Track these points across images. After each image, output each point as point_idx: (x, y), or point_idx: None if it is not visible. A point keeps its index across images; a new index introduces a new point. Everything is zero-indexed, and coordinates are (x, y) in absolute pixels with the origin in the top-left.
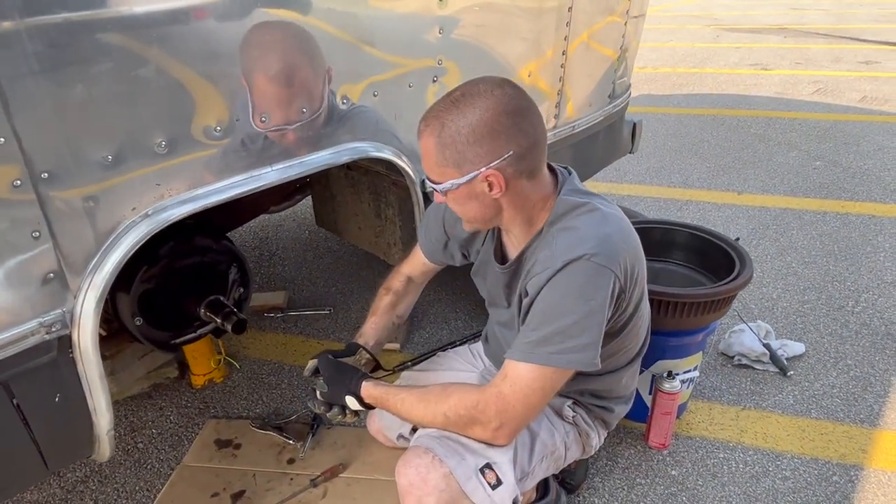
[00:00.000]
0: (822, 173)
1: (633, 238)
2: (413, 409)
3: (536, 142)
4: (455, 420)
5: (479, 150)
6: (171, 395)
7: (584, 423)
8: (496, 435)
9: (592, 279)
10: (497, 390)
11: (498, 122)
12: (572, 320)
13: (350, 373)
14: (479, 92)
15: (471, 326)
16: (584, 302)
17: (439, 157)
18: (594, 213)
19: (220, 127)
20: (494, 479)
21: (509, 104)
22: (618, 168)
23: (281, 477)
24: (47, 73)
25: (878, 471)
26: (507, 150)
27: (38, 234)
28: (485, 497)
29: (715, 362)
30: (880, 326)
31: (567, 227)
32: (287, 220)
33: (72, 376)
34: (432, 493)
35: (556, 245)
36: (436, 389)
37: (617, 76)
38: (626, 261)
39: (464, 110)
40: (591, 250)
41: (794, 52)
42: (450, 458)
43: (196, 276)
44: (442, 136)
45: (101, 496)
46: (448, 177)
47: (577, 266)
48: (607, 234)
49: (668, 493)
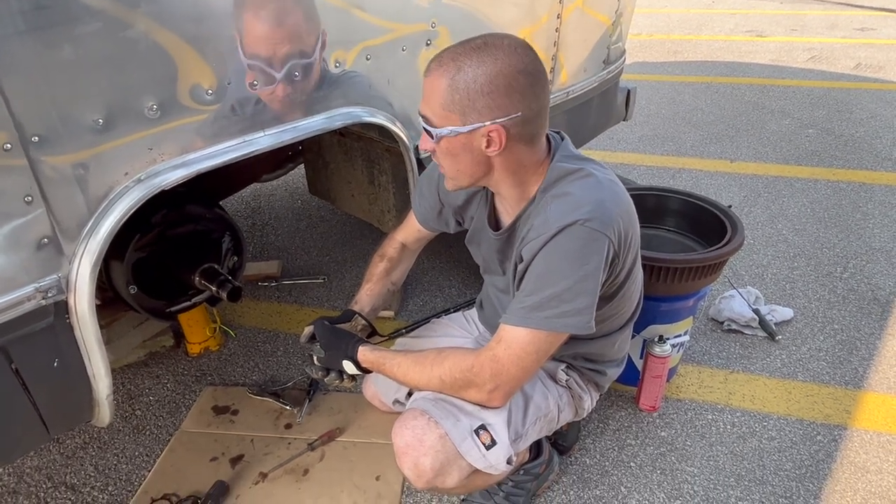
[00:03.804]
0: (815, 141)
1: (626, 203)
2: (409, 373)
3: (543, 109)
4: (450, 383)
5: (490, 102)
6: (167, 363)
7: (577, 387)
8: (491, 397)
9: (587, 244)
10: (492, 353)
11: (516, 79)
12: (567, 285)
13: (346, 338)
14: (503, 45)
15: (464, 294)
16: (578, 267)
17: (447, 99)
18: (588, 178)
19: (211, 90)
20: (489, 439)
21: (529, 65)
22: (611, 136)
23: (279, 441)
24: (35, 32)
25: (861, 430)
26: (517, 111)
27: (31, 198)
28: (479, 457)
29: (705, 327)
30: (867, 292)
31: (561, 193)
32: (279, 189)
33: (70, 341)
34: (428, 454)
35: (550, 211)
36: (431, 353)
37: (612, 41)
38: (619, 225)
39: (484, 59)
40: (585, 215)
41: (790, 19)
42: (445, 420)
43: (190, 244)
44: (455, 80)
45: (100, 461)
46: (449, 122)
47: (572, 231)
48: (601, 199)
49: (658, 453)
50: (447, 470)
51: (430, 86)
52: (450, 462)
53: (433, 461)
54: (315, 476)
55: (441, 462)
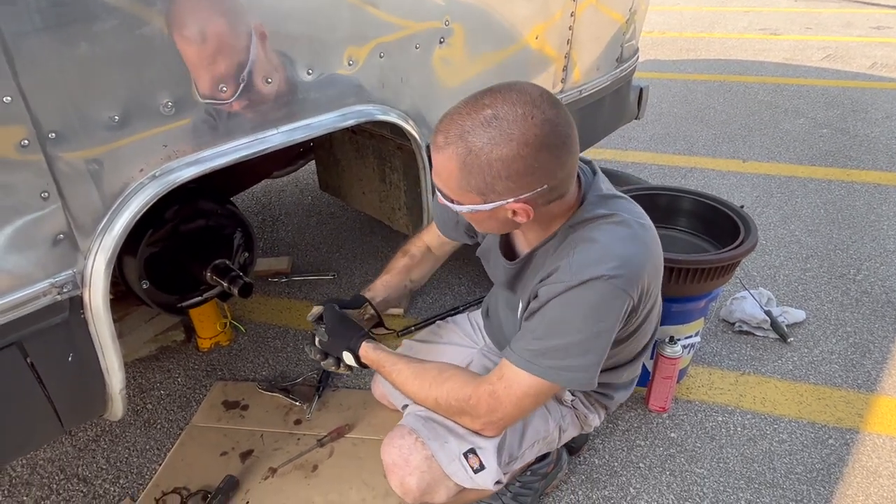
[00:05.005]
0: (829, 141)
1: (656, 255)
2: (407, 383)
3: (573, 168)
4: (446, 407)
5: (510, 184)
6: (178, 357)
7: (582, 407)
8: (485, 428)
9: (607, 301)
10: (491, 388)
11: (536, 159)
12: (578, 339)
13: (353, 329)
14: (517, 117)
15: (473, 292)
16: (593, 323)
17: (462, 182)
18: (619, 226)
19: (225, 88)
20: (477, 463)
21: (550, 136)
22: (622, 134)
23: (288, 437)
24: (52, 29)
25: (874, 434)
26: (542, 185)
27: (47, 194)
28: (467, 478)
29: (716, 328)
30: (881, 294)
31: (589, 238)
32: (290, 185)
33: (84, 336)
34: (414, 474)
35: (575, 257)
36: (433, 371)
37: (625, 39)
38: (644, 282)
39: (496, 139)
40: (611, 271)
41: (804, 17)
42: (432, 441)
43: (201, 239)
44: (468, 163)
45: (112, 454)
46: (469, 201)
47: (595, 285)
48: (630, 254)
49: (667, 454)
50: (434, 489)
51: (441, 165)
52: (437, 482)
53: (419, 481)
54: (324, 472)
55: (427, 482)
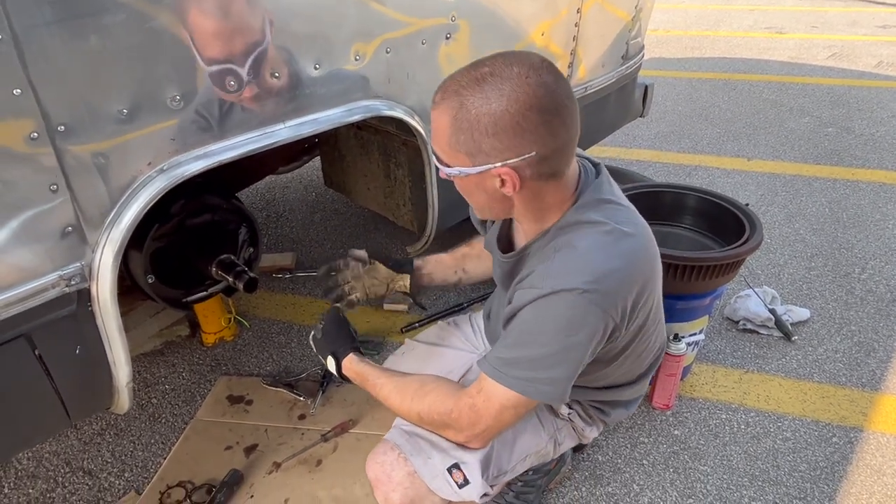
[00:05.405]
0: (834, 140)
1: (643, 272)
2: (390, 398)
3: (566, 144)
4: (429, 421)
5: (496, 143)
6: (182, 352)
7: (579, 420)
8: (469, 441)
9: (580, 316)
10: (471, 401)
11: (525, 117)
12: (546, 352)
13: (346, 337)
14: (511, 75)
15: (477, 289)
16: (564, 337)
17: (451, 139)
18: (607, 236)
19: (232, 82)
20: (462, 478)
21: (543, 98)
22: (627, 132)
23: (292, 432)
24: (62, 22)
25: (878, 433)
26: (530, 151)
27: (56, 187)
28: (452, 493)
29: (720, 326)
30: (886, 293)
31: (571, 244)
32: (294, 181)
33: (91, 329)
34: (397, 490)
35: (554, 262)
36: (414, 384)
37: (631, 36)
38: (627, 301)
39: (488, 93)
40: (586, 286)
41: (810, 15)
42: (415, 457)
43: (207, 234)
44: (458, 118)
45: (117, 448)
46: (458, 162)
47: (567, 297)
48: (613, 269)
49: (671, 451)
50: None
51: (436, 121)
52: (421, 497)
53: (402, 497)
54: (328, 467)
55: (411, 497)
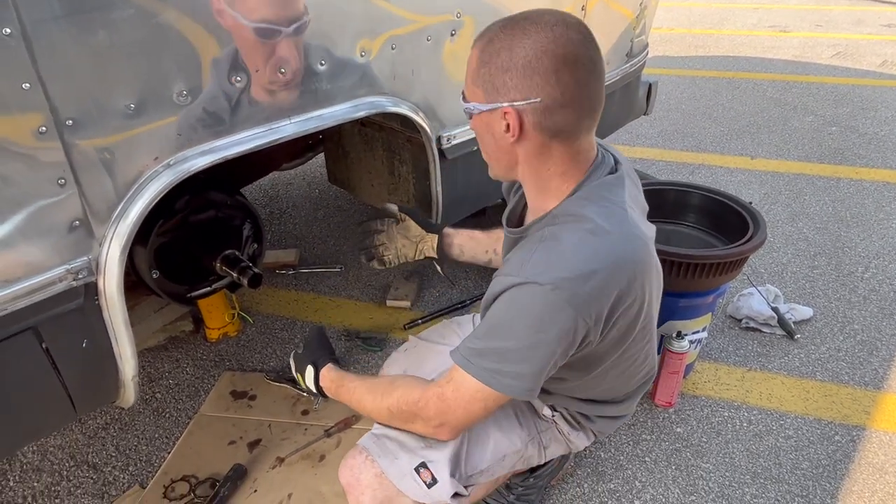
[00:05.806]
0: (838, 139)
1: (626, 277)
2: (363, 400)
3: (576, 101)
4: (398, 414)
5: (507, 80)
6: (186, 347)
7: (564, 424)
8: (437, 431)
9: (549, 313)
10: (440, 391)
11: (539, 60)
12: (514, 346)
13: (326, 349)
14: (540, 21)
15: (480, 286)
16: (533, 332)
17: (475, 73)
18: (594, 237)
19: (239, 77)
20: (430, 477)
21: (562, 47)
22: (630, 130)
23: (295, 427)
24: (71, 17)
25: (880, 431)
26: (536, 96)
27: (64, 181)
28: (422, 494)
29: (723, 325)
30: (889, 292)
31: (557, 237)
32: (297, 178)
33: (98, 323)
34: (366, 492)
35: (535, 253)
36: (384, 382)
37: (635, 34)
38: (601, 306)
39: (514, 33)
40: (561, 283)
41: (814, 14)
42: (382, 458)
43: (211, 230)
44: (484, 52)
45: (121, 442)
46: (475, 98)
47: (537, 291)
48: (591, 272)
49: (673, 448)
50: None
51: (471, 56)
52: (390, 499)
53: (372, 499)
54: (331, 462)
55: (380, 499)
